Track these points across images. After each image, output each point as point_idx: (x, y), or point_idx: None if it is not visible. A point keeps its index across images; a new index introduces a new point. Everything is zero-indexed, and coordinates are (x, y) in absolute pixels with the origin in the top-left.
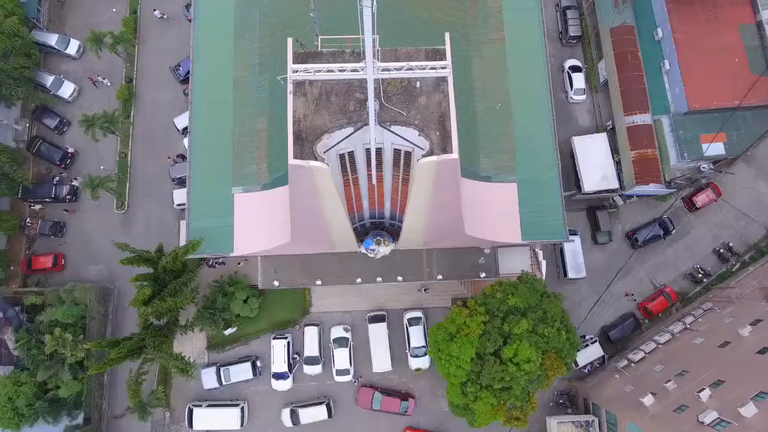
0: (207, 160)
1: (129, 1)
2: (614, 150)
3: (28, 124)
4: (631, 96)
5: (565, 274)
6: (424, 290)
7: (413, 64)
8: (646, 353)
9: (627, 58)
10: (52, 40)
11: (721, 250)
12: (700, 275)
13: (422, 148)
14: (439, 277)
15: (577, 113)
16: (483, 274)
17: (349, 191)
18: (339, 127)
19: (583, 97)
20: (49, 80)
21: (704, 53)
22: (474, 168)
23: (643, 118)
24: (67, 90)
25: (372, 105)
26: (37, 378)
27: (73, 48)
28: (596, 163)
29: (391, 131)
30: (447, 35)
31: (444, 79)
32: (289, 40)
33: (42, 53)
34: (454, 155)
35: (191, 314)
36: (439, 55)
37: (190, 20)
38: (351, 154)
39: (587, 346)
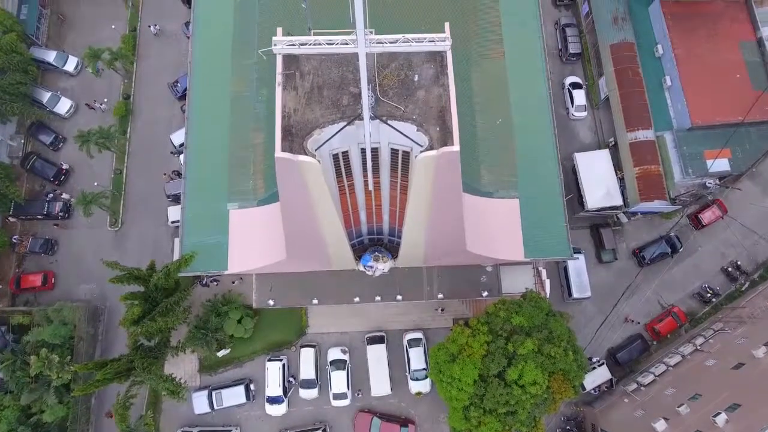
0: (203, 175)
1: (128, 18)
2: (617, 166)
3: (23, 140)
4: (632, 112)
5: (570, 294)
6: (441, 310)
7: (410, 36)
8: (656, 376)
9: (628, 74)
10: (51, 56)
11: (730, 269)
12: (708, 295)
13: (421, 145)
14: (440, 296)
15: (579, 130)
16: (485, 293)
17: (345, 200)
18: (331, 122)
19: (585, 113)
20: (45, 96)
21: (705, 69)
22: (475, 183)
23: (645, 134)
24: (63, 106)
25: (365, 84)
26: (20, 401)
27: (71, 65)
28: (599, 180)
29: (387, 124)
30: (447, 24)
31: (444, 73)
32: (279, 30)
33: (40, 70)
34: (455, 147)
35: (183, 335)
36: None
37: (188, 37)
38: (345, 154)
39: (594, 368)
